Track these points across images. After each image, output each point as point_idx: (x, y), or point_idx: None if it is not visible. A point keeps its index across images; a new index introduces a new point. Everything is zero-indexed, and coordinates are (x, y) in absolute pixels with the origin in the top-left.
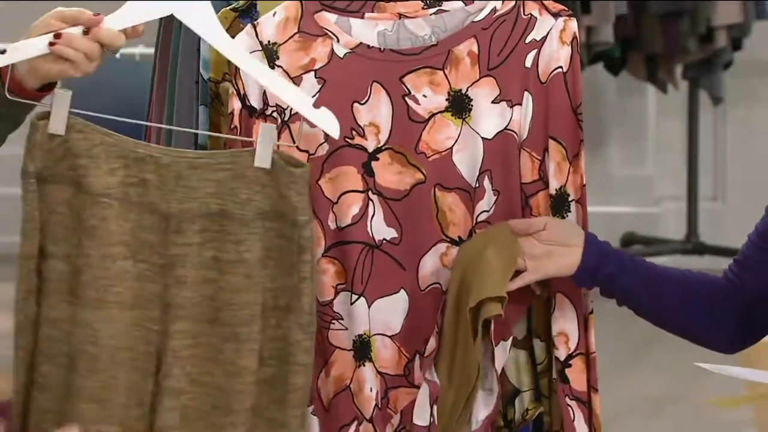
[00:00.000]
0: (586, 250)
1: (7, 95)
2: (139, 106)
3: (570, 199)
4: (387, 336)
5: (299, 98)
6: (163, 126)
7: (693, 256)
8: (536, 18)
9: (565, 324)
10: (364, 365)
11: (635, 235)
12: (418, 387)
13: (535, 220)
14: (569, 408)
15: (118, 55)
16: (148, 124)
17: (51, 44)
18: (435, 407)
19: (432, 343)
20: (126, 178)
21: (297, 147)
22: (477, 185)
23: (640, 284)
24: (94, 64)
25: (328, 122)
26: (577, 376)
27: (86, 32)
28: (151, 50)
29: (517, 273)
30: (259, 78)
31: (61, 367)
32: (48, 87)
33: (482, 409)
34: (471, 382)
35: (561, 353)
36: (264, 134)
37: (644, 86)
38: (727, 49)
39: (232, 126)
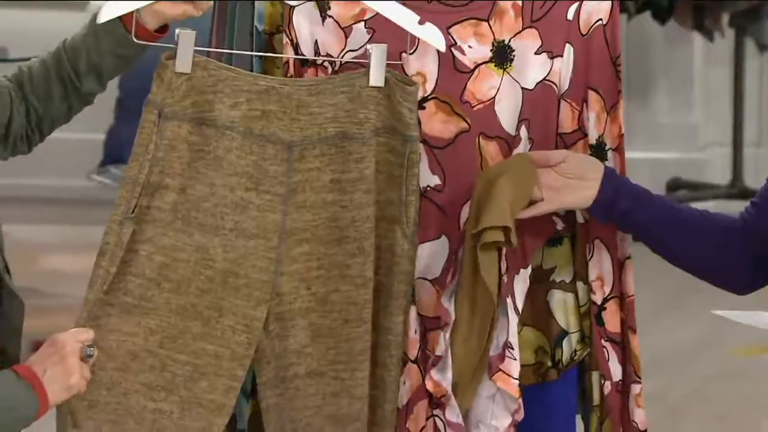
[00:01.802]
0: (603, 184)
1: (135, 39)
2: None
3: (607, 147)
4: (428, 280)
5: (406, 17)
6: None
7: (737, 201)
8: None
9: (601, 269)
10: (411, 308)
11: (681, 181)
12: None
13: (554, 152)
14: (604, 349)
15: None
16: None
17: None
18: (446, 334)
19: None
20: (249, 111)
21: None
22: (516, 134)
23: (655, 221)
24: (211, 2)
25: (434, 37)
26: (611, 318)
27: None
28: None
29: (534, 203)
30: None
31: (168, 291)
32: (162, 28)
33: (499, 334)
34: (490, 311)
35: (597, 297)
36: (376, 55)
37: (691, 35)
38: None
39: (288, 75)
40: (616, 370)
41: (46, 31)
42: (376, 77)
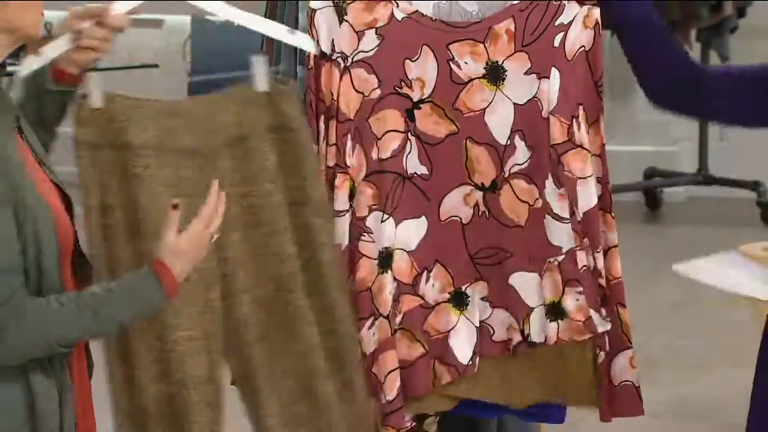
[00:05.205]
0: None
1: (54, 85)
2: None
3: (591, 154)
4: (405, 251)
5: (275, 28)
6: None
7: (703, 186)
8: (565, 4)
9: (604, 260)
10: (385, 273)
11: (656, 170)
12: (421, 297)
13: None
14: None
15: (235, 23)
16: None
17: (76, 40)
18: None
19: None
20: (158, 132)
21: (354, 88)
22: (508, 143)
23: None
24: (110, 43)
25: (305, 43)
26: (609, 299)
27: (99, 22)
28: None
29: None
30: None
31: None
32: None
33: None
34: None
35: (604, 282)
36: (258, 65)
37: None
38: (733, 17)
39: (309, 67)
40: (607, 341)
41: (127, 45)
42: (261, 83)
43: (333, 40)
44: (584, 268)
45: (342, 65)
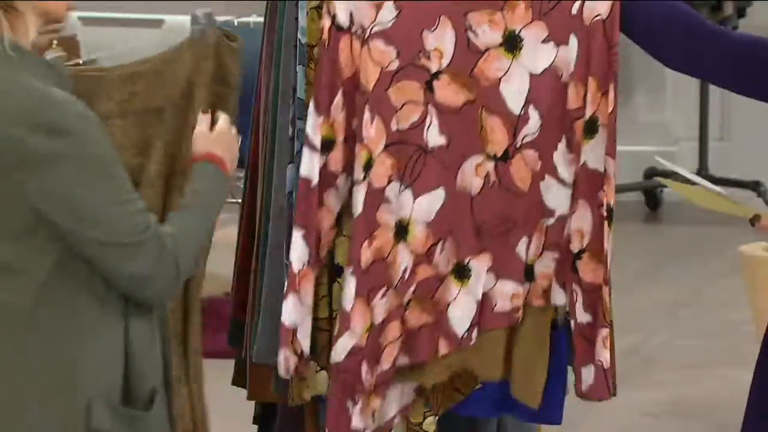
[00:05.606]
0: None
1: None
2: (251, 63)
3: (599, 123)
4: (423, 222)
5: None
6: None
7: None
8: None
9: (581, 223)
10: (400, 244)
11: (656, 170)
12: (435, 267)
13: None
14: (574, 293)
15: (236, 23)
16: None
17: None
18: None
19: None
20: (122, 98)
21: (372, 60)
22: (522, 113)
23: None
24: None
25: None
26: (585, 268)
27: None
28: (262, 19)
29: None
30: None
31: None
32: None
33: None
34: None
35: (575, 246)
36: (207, 19)
37: None
38: (734, 17)
39: (322, 39)
40: (581, 315)
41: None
42: (210, 36)
43: (351, 12)
44: (568, 236)
45: (361, 38)
